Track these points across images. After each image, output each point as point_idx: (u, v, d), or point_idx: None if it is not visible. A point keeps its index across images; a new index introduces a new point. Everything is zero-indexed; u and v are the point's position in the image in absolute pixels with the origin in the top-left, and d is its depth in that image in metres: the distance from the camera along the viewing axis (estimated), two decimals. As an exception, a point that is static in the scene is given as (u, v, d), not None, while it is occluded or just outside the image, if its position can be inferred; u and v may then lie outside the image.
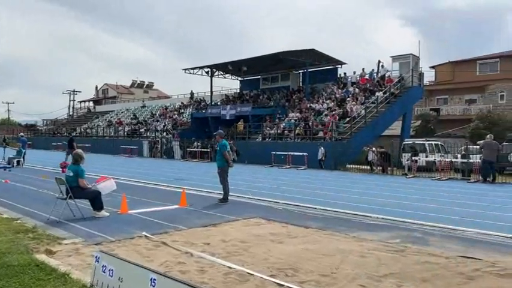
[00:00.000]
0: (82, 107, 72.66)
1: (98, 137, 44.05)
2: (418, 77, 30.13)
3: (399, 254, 5.94)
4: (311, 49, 30.49)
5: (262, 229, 7.53)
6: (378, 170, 20.42)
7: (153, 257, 5.74)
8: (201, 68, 36.80)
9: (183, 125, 37.81)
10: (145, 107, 50.52)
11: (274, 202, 10.63)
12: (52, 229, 7.14)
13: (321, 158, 22.49)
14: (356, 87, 30.09)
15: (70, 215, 8.12)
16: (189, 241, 6.59)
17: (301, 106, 30.39)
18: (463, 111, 41.02)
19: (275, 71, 36.46)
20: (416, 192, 13.19)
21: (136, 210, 9.02)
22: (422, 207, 10.18)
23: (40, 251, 5.79)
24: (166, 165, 24.58)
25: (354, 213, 9.18)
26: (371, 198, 11.53)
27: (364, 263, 5.49)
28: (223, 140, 10.60)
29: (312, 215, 9.05)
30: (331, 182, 16.02)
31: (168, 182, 15.03)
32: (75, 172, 8.24)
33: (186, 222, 7.91)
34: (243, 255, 5.87)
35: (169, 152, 33.07)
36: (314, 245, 6.43)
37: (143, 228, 7.28)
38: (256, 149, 26.75)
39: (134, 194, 11.31)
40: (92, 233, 6.91)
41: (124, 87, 77.72)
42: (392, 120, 28.21)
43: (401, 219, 8.48)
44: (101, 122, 50.46)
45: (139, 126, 41.61)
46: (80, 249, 5.95)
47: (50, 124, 63.60)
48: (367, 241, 6.69)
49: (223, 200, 10.42)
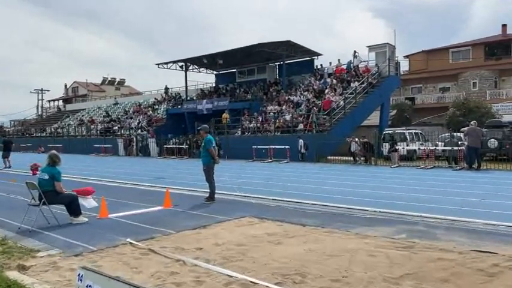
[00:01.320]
0: (51, 106, 70.20)
1: (69, 136, 42.45)
2: (394, 66, 30.18)
3: (409, 251, 5.54)
4: (287, 41, 30.07)
5: (256, 229, 7.01)
6: (361, 160, 20.20)
7: (141, 267, 5.14)
8: (174, 62, 35.83)
9: (158, 121, 36.79)
10: (118, 104, 49.06)
11: (263, 198, 10.13)
12: (24, 240, 6.41)
13: (300, 150, 22.16)
14: (333, 78, 29.88)
15: (44, 223, 7.38)
16: (180, 246, 6.01)
17: (280, 99, 29.97)
18: (437, 99, 41.56)
19: (251, 64, 35.87)
20: (406, 182, 12.95)
21: (117, 213, 8.35)
22: (417, 197, 9.88)
23: (11, 267, 5.10)
24: (143, 164, 23.72)
25: (350, 207, 8.77)
26: (362, 191, 11.17)
27: (374, 264, 5.05)
28: (208, 135, 9.98)
29: (305, 211, 8.58)
30: (317, 175, 15.65)
31: (148, 181, 14.31)
32: (51, 175, 7.47)
33: (174, 225, 7.31)
34: (242, 260, 5.33)
35: (145, 149, 32.10)
36: (316, 244, 5.96)
37: (127, 234, 6.64)
38: (235, 144, 26.18)
39: (113, 196, 10.59)
40: (70, 243, 6.22)
41: (94, 85, 75.40)
42: (370, 110, 28.12)
43: (399, 212, 8.11)
44: (72, 121, 48.72)
45: (112, 124, 40.30)
46: (58, 263, 5.28)
47: (18, 125, 61.11)
48: (371, 238, 6.27)
49: (209, 199, 9.84)
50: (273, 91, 32.38)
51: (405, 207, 8.57)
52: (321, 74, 31.95)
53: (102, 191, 11.21)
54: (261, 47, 29.58)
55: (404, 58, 45.99)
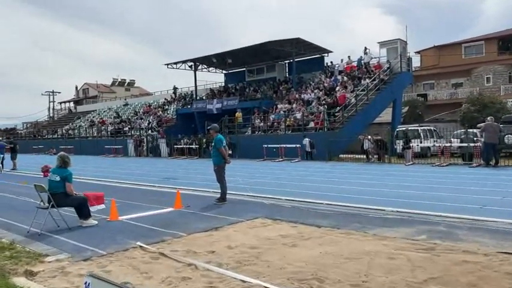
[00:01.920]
0: (63, 108, 70.71)
1: (80, 138, 42.64)
2: (406, 62, 29.68)
3: (431, 254, 5.27)
4: (296, 38, 29.75)
5: (270, 231, 6.79)
6: (374, 158, 19.85)
7: (152, 272, 4.96)
8: (183, 62, 35.70)
9: (168, 121, 36.74)
10: (128, 105, 49.18)
11: (275, 199, 9.89)
12: (33, 244, 6.28)
13: (308, 149, 21.92)
14: (344, 76, 29.52)
15: (53, 226, 7.24)
16: (191, 250, 5.82)
17: (290, 97, 29.70)
18: (450, 95, 40.89)
19: (260, 63, 35.64)
20: (422, 180, 12.60)
21: (127, 215, 8.19)
22: (435, 196, 9.57)
23: (19, 272, 4.95)
24: (153, 164, 23.63)
25: (365, 207, 8.50)
26: (377, 189, 10.88)
27: (395, 267, 4.80)
28: (218, 135, 9.77)
29: (319, 211, 8.34)
30: (330, 174, 15.37)
31: (159, 182, 14.17)
32: (63, 176, 7.32)
33: (185, 227, 7.12)
34: (256, 264, 5.12)
35: (155, 150, 32.07)
36: (332, 247, 5.72)
37: (137, 237, 6.47)
38: (246, 143, 25.98)
39: (123, 198, 10.45)
40: (79, 247, 6.07)
41: (105, 86, 75.81)
42: (382, 107, 27.71)
43: (418, 212, 7.82)
44: (83, 123, 48.95)
45: (123, 125, 40.37)
46: (66, 268, 5.12)
47: (30, 127, 61.63)
48: (390, 239, 6.01)
49: (221, 200, 9.63)
50: (283, 89, 32.11)
51: (423, 207, 8.28)
52: (331, 71, 31.59)
53: (113, 193, 11.12)
54: (270, 45, 29.34)
55: (416, 54, 45.37)
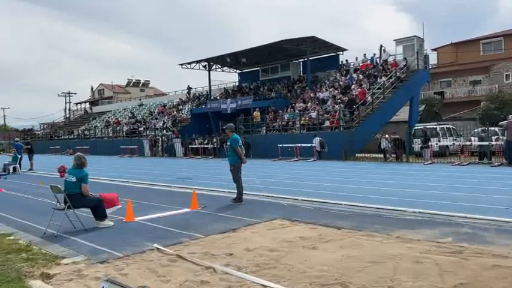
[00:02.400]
0: (79, 109, 71.52)
1: (96, 138, 43.03)
2: (423, 59, 29.17)
3: (459, 257, 5.04)
4: (311, 36, 29.53)
5: (288, 233, 6.62)
6: (392, 157, 19.49)
7: (169, 275, 4.84)
8: (197, 62, 35.74)
9: (182, 121, 36.82)
10: (143, 105, 49.46)
11: (292, 199, 9.71)
12: (49, 245, 6.22)
13: (318, 148, 21.78)
14: (360, 74, 29.14)
15: (70, 227, 7.19)
16: (209, 252, 5.69)
17: (304, 96, 29.46)
18: (468, 93, 40.08)
19: (274, 62, 35.50)
20: (442, 180, 12.27)
21: (143, 216, 8.10)
22: (457, 196, 9.28)
23: (35, 275, 4.88)
24: (168, 164, 23.65)
25: (386, 207, 8.26)
26: (396, 189, 10.62)
27: (422, 271, 4.59)
28: (234, 134, 9.63)
29: (338, 212, 8.13)
30: (347, 174, 15.11)
31: (174, 182, 14.10)
32: (79, 177, 7.26)
33: (202, 229, 7.00)
34: (276, 267, 4.96)
35: (170, 149, 32.13)
36: (355, 250, 5.53)
37: (154, 239, 6.37)
38: (261, 143, 25.82)
39: (139, 198, 10.39)
40: (95, 249, 5.99)
41: (120, 87, 76.48)
42: (399, 106, 27.30)
43: (441, 213, 7.56)
44: (98, 123, 49.38)
45: (138, 125, 40.58)
46: (83, 271, 5.03)
47: (47, 128, 62.45)
48: (414, 242, 5.79)
49: (237, 200, 9.49)
50: (298, 88, 31.88)
51: (446, 207, 8.01)
52: (347, 70, 31.26)
53: (128, 193, 11.09)
54: (284, 44, 29.14)
55: (432, 51, 44.60)
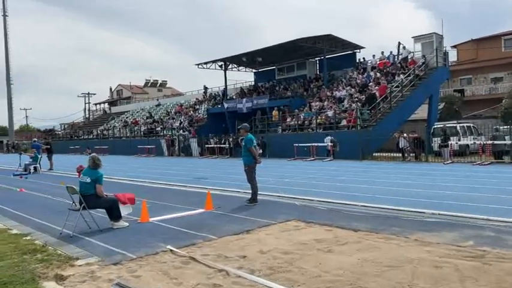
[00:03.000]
0: (98, 109, 72.57)
1: (114, 138, 43.53)
2: (442, 56, 28.59)
3: (481, 262, 4.85)
4: (327, 34, 29.27)
5: (303, 235, 6.50)
6: (410, 157, 19.13)
7: (182, 278, 4.78)
8: (214, 62, 35.84)
9: (199, 121, 36.97)
10: (160, 105, 49.87)
11: (308, 200, 9.58)
12: (64, 246, 6.24)
13: (329, 148, 21.81)
14: (377, 72, 28.74)
15: (85, 228, 7.22)
16: (222, 254, 5.61)
17: (321, 94, 29.20)
18: (489, 90, 39.18)
19: (290, 61, 35.31)
20: (463, 180, 11.96)
21: (158, 217, 8.09)
22: (479, 198, 9.02)
23: (49, 276, 4.88)
24: (185, 164, 23.73)
25: (404, 209, 8.06)
26: (415, 190, 10.38)
27: (442, 277, 4.42)
28: (248, 134, 9.55)
29: (355, 213, 7.97)
30: (364, 174, 14.86)
31: (189, 181, 14.11)
32: (93, 178, 7.28)
33: (215, 230, 6.94)
34: (290, 271, 4.85)
35: (187, 149, 32.28)
36: (371, 253, 5.38)
37: (167, 240, 6.33)
38: (277, 142, 25.70)
39: (154, 198, 10.41)
40: (109, 250, 5.98)
41: (138, 87, 77.36)
42: (418, 104, 26.80)
43: (462, 215, 7.34)
44: (117, 123, 49.99)
45: (155, 125, 40.92)
46: (96, 272, 5.02)
47: (67, 128, 63.56)
48: (433, 245, 5.61)
49: (252, 201, 9.41)
50: (314, 87, 31.64)
51: (467, 209, 7.78)
52: (364, 68, 30.86)
53: (144, 193, 11.13)
54: (300, 42, 28.96)
55: (452, 48, 43.70)
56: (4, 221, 8.40)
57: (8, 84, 59.48)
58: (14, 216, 8.87)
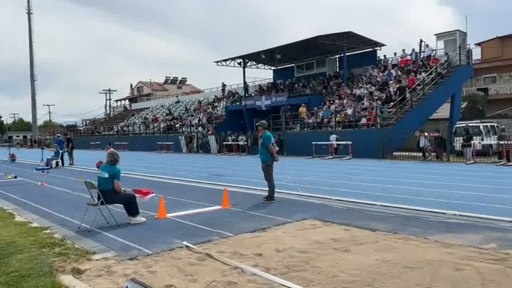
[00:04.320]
0: (118, 106, 73.58)
1: (134, 134, 44.06)
2: (466, 54, 27.92)
3: (504, 265, 4.69)
4: (347, 32, 28.91)
5: (320, 234, 6.42)
6: (431, 156, 18.75)
7: (196, 275, 4.77)
8: (233, 59, 35.84)
9: (217, 118, 37.10)
10: (180, 102, 50.23)
11: (325, 199, 9.47)
12: (82, 240, 6.31)
13: (335, 145, 22.41)
14: (398, 70, 28.29)
15: (103, 222, 7.30)
16: (238, 252, 5.59)
17: (340, 92, 28.90)
18: (514, 89, 38.16)
19: (310, 58, 35.05)
20: (486, 180, 11.66)
21: (174, 213, 8.12)
22: (502, 199, 8.76)
23: (66, 270, 4.93)
24: (203, 160, 23.83)
25: (424, 209, 7.88)
26: (437, 190, 10.15)
27: (463, 280, 4.29)
28: (266, 132, 9.49)
29: (373, 213, 7.84)
30: (383, 173, 14.63)
31: (207, 178, 14.15)
32: (111, 173, 7.35)
33: (231, 227, 6.92)
34: (306, 270, 4.79)
35: (205, 146, 32.43)
36: (389, 254, 5.27)
37: (184, 236, 6.34)
38: (295, 140, 25.56)
39: (172, 194, 10.47)
40: (126, 245, 6.02)
41: (158, 84, 78.14)
42: (440, 103, 26.25)
43: (484, 216, 7.13)
44: (137, 120, 50.59)
45: (174, 122, 41.25)
46: (112, 267, 5.05)
47: (88, 124, 64.69)
48: (454, 247, 5.45)
49: (269, 198, 9.36)
50: (333, 85, 31.33)
51: (490, 211, 7.55)
52: (385, 65, 30.41)
53: (162, 189, 11.21)
54: (320, 40, 28.70)
55: (476, 46, 42.65)
56: (25, 214, 8.57)
57: (32, 80, 60.88)
58: (35, 210, 9.04)
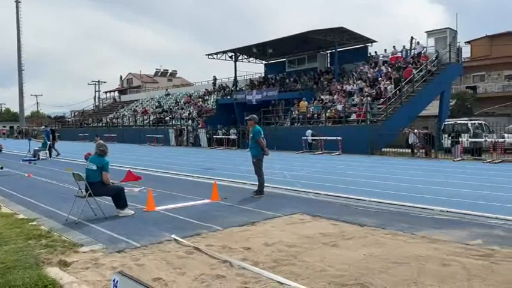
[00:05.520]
0: (108, 97, 72.86)
1: (123, 126, 43.67)
2: (455, 52, 28.13)
3: (489, 261, 4.76)
4: (339, 27, 28.92)
5: (309, 228, 6.45)
6: (420, 153, 18.91)
7: (185, 268, 4.76)
8: (224, 52, 35.66)
9: (208, 112, 36.93)
10: (170, 95, 49.88)
11: (315, 193, 9.50)
12: (69, 232, 6.25)
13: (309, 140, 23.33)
14: (389, 66, 28.41)
15: (91, 215, 7.23)
16: (227, 245, 5.58)
17: (331, 88, 28.96)
18: (502, 88, 38.67)
19: (301, 53, 34.98)
20: (473, 178, 11.80)
21: (163, 206, 8.08)
22: (489, 196, 8.88)
23: (53, 262, 4.88)
24: (193, 154, 23.75)
25: (412, 205, 7.95)
26: (424, 187, 10.25)
27: (449, 275, 4.34)
28: (257, 126, 9.48)
29: (362, 208, 7.89)
30: (373, 168, 14.72)
31: (197, 172, 14.10)
32: (99, 165, 7.28)
33: (221, 221, 6.91)
34: (294, 264, 4.80)
35: (195, 140, 32.30)
36: (377, 249, 5.31)
37: (172, 230, 6.32)
38: (285, 135, 25.58)
39: (161, 187, 10.42)
40: (114, 237, 5.98)
41: (148, 76, 77.51)
42: (429, 100, 26.46)
43: (471, 213, 7.22)
44: (126, 112, 50.15)
45: (164, 114, 40.98)
46: (100, 260, 5.02)
47: (77, 115, 63.97)
48: (441, 242, 5.51)
49: (258, 193, 9.36)
50: (324, 80, 31.36)
51: (477, 207, 7.65)
52: (375, 62, 30.51)
53: (151, 182, 11.15)
54: (311, 35, 28.67)
55: (466, 44, 43.04)
56: (11, 205, 8.47)
57: (19, 70, 59.93)
58: (21, 201, 8.93)
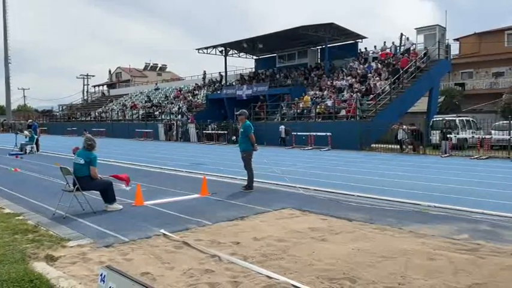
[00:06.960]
0: (96, 91, 72.10)
1: (112, 121, 43.28)
2: (444, 49, 28.40)
3: (475, 255, 4.82)
4: (330, 23, 29.02)
5: (298, 223, 6.47)
6: (408, 149, 19.08)
7: (174, 262, 4.74)
8: (214, 47, 35.51)
9: (198, 106, 36.79)
10: (159, 89, 49.55)
11: (304, 188, 9.52)
12: (56, 227, 6.19)
13: (283, 136, 24.35)
14: (378, 62, 28.56)
15: (79, 209, 7.16)
16: (216, 240, 5.58)
17: (321, 84, 29.03)
18: (490, 85, 39.08)
19: (292, 48, 35.01)
20: (461, 173, 11.94)
21: (152, 201, 8.04)
22: (475, 191, 9.00)
23: (39, 257, 4.83)
24: (182, 149, 23.66)
25: (400, 200, 8.03)
26: (412, 182, 10.35)
27: (435, 269, 4.40)
28: (247, 121, 9.47)
29: (351, 203, 7.94)
30: (362, 164, 14.81)
31: (186, 167, 14.06)
32: (87, 159, 7.22)
33: (210, 216, 6.90)
34: (283, 259, 4.82)
35: (185, 134, 32.16)
36: (365, 243, 5.35)
37: (161, 224, 6.29)
38: (274, 130, 25.59)
39: (150, 182, 10.38)
40: (102, 232, 5.94)
41: (137, 70, 76.88)
42: (418, 96, 26.66)
43: (458, 208, 7.31)
44: (115, 106, 49.71)
45: (153, 109, 40.71)
46: (87, 254, 4.98)
47: (65, 109, 63.19)
48: (428, 237, 5.58)
49: (248, 188, 9.37)
50: (314, 76, 31.44)
51: (463, 202, 7.76)
52: (365, 58, 30.65)
53: (140, 177, 11.08)
54: (302, 30, 28.68)
55: (455, 41, 43.41)
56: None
57: (6, 63, 58.96)
58: (8, 196, 8.82)
